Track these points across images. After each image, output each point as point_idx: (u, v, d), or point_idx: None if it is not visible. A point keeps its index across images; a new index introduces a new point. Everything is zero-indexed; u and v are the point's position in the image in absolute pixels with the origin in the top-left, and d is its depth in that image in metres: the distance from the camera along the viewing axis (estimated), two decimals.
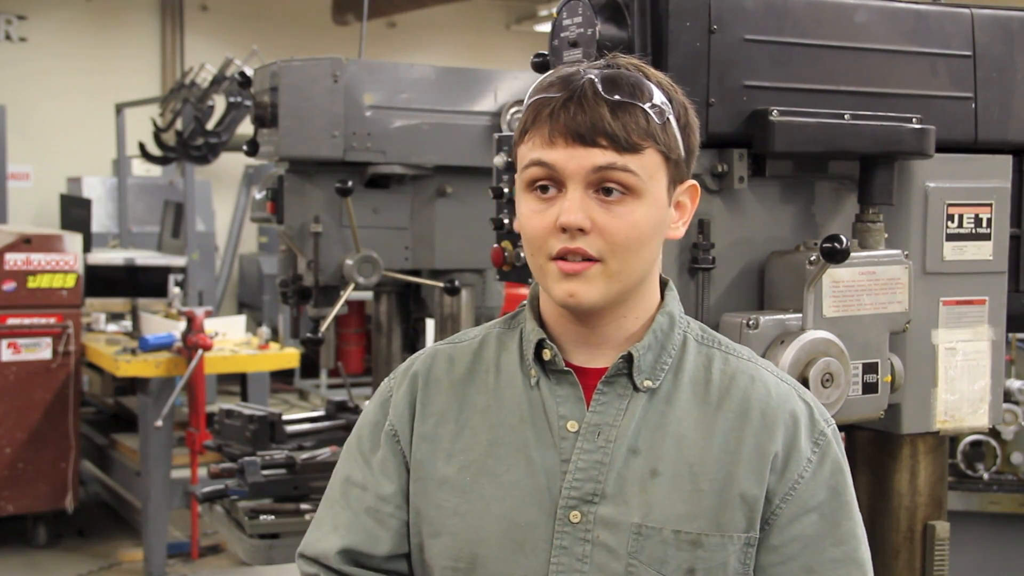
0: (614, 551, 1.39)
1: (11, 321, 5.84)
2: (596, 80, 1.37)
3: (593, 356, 1.46)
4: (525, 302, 1.54)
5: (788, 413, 1.44)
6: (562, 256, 1.37)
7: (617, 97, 1.36)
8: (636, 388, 1.43)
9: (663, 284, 1.51)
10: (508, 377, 1.48)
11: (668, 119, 1.39)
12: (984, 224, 2.14)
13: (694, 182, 1.47)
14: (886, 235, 2.03)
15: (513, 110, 3.62)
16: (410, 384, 1.53)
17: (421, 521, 1.47)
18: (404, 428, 1.50)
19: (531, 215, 1.39)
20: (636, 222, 1.37)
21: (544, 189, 1.38)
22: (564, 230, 1.36)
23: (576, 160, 1.35)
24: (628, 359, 1.43)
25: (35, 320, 5.89)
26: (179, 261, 7.79)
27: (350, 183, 3.39)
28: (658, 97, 1.39)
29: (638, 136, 1.36)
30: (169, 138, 7.20)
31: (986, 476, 3.65)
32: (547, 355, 1.45)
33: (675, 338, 1.47)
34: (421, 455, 1.48)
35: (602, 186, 1.36)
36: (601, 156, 1.35)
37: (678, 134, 1.41)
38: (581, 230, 1.35)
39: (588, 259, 1.37)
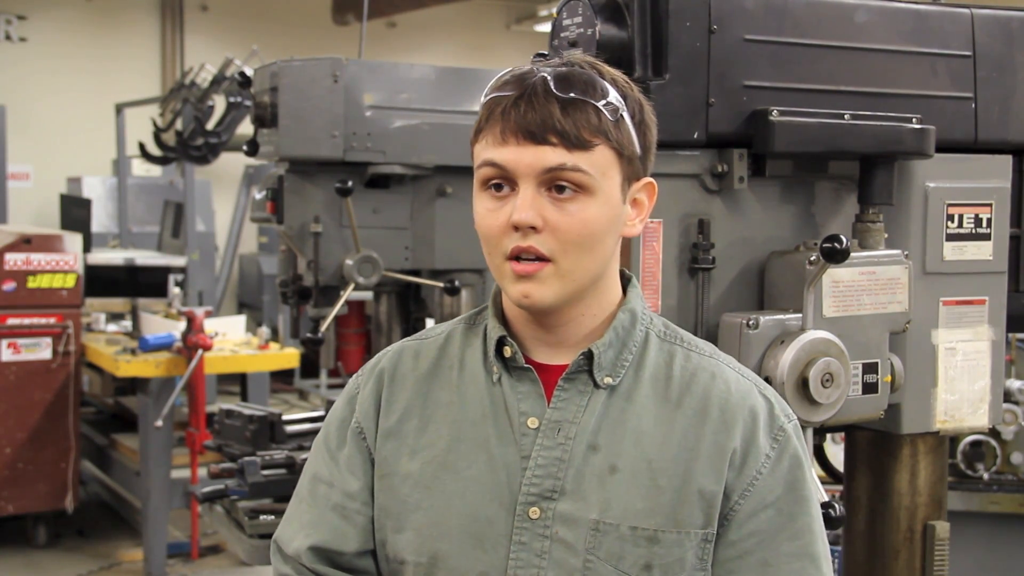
0: (572, 547, 1.39)
1: (11, 321, 5.84)
2: (548, 78, 1.37)
3: (554, 353, 1.46)
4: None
5: (747, 409, 1.44)
6: (516, 256, 1.37)
7: (568, 94, 1.36)
8: (596, 385, 1.44)
9: (626, 280, 1.51)
10: (471, 373, 1.49)
11: (622, 116, 1.39)
12: (984, 224, 2.14)
13: (651, 179, 1.47)
14: (886, 235, 2.03)
15: None
16: (376, 381, 1.53)
17: (385, 517, 1.48)
18: (370, 425, 1.51)
19: (485, 214, 1.40)
20: (588, 220, 1.37)
21: (498, 187, 1.38)
22: (516, 228, 1.36)
23: (527, 159, 1.35)
24: (588, 356, 1.43)
25: (35, 320, 5.89)
26: (179, 261, 7.79)
27: (350, 183, 3.39)
28: (612, 94, 1.38)
29: (589, 133, 1.36)
30: (169, 138, 7.19)
31: (986, 476, 3.65)
32: (508, 352, 1.46)
33: (637, 335, 1.47)
34: (386, 451, 1.49)
35: (554, 184, 1.36)
36: (552, 154, 1.35)
37: (632, 131, 1.41)
38: (533, 228, 1.36)
39: (540, 259, 1.37)
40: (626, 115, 1.40)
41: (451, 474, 1.44)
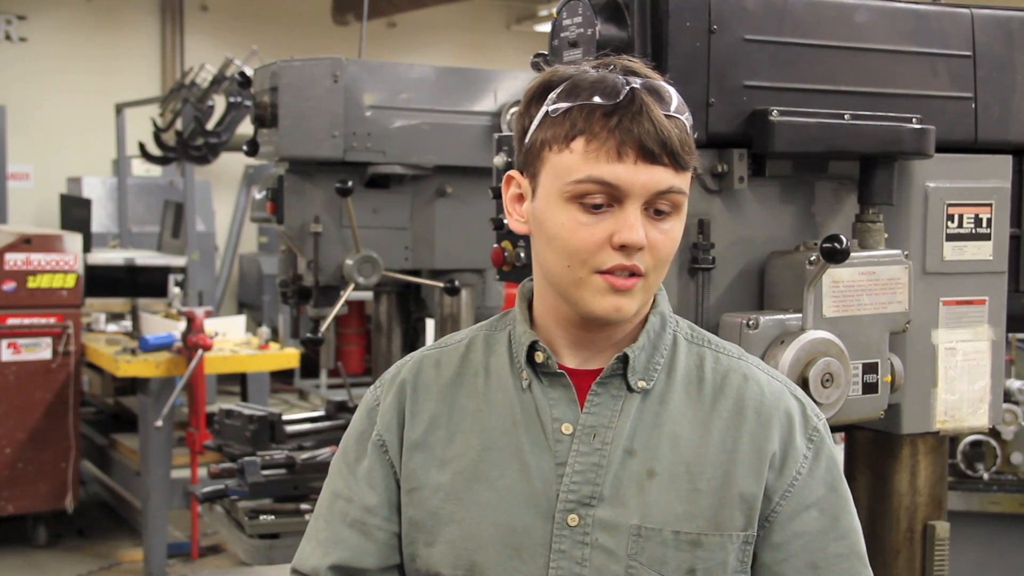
0: (613, 553, 1.38)
1: (11, 321, 5.84)
2: (638, 88, 1.35)
3: (584, 358, 1.45)
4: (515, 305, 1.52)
5: (783, 411, 1.45)
6: (611, 271, 1.36)
7: (665, 109, 1.35)
8: (630, 389, 1.43)
9: None
10: (498, 380, 1.47)
11: (691, 128, 1.39)
12: (984, 224, 2.14)
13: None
14: (886, 235, 2.03)
15: (513, 110, 3.62)
16: (398, 392, 1.51)
17: (415, 531, 1.46)
18: (392, 438, 1.48)
19: (577, 227, 1.36)
20: (676, 237, 1.39)
21: (597, 204, 1.35)
22: (623, 247, 1.34)
23: (642, 179, 1.33)
24: (623, 360, 1.43)
25: (35, 320, 5.89)
26: (179, 261, 7.79)
27: (350, 183, 3.39)
28: (683, 105, 1.39)
29: (688, 153, 1.36)
30: (169, 138, 7.19)
31: (986, 476, 3.65)
32: (540, 357, 1.44)
33: (667, 338, 1.47)
34: (414, 464, 1.46)
35: (656, 205, 1.36)
36: (664, 176, 1.34)
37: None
38: (639, 248, 1.35)
39: (635, 274, 1.36)
40: (690, 126, 1.40)
41: (484, 484, 1.42)
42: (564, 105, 1.36)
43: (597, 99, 1.34)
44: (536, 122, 1.39)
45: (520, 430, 1.43)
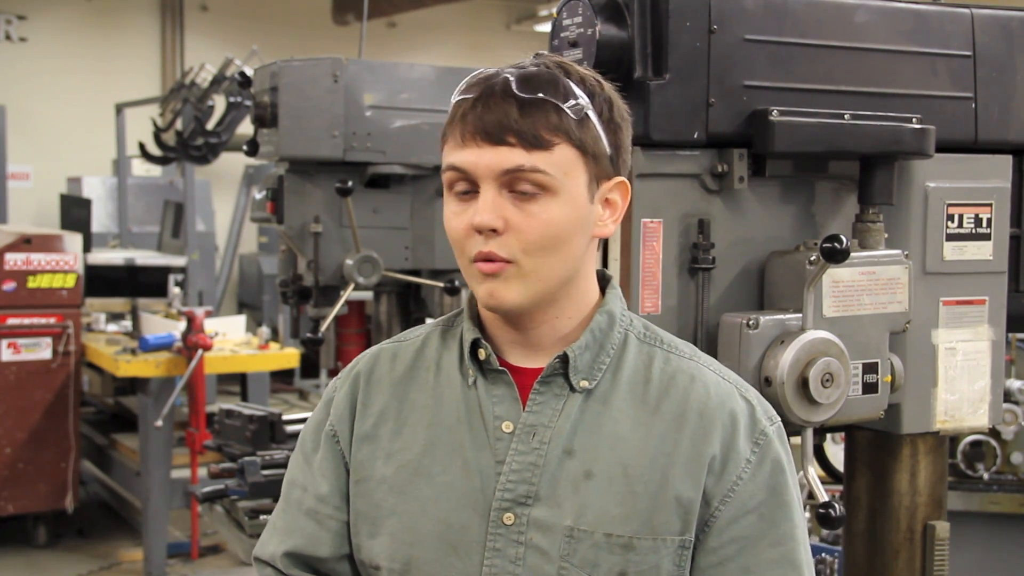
0: (547, 553, 1.37)
1: (11, 321, 5.84)
2: (511, 79, 1.36)
3: (530, 356, 1.44)
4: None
5: (727, 413, 1.42)
6: (480, 258, 1.36)
7: (528, 95, 1.34)
8: (572, 388, 1.41)
9: (605, 281, 1.49)
10: (447, 376, 1.47)
11: (586, 115, 1.37)
12: (984, 224, 2.14)
13: (622, 178, 1.44)
14: (886, 235, 2.03)
15: None
16: (351, 384, 1.52)
17: (361, 521, 1.46)
18: (343, 428, 1.49)
19: (451, 217, 1.39)
20: (551, 220, 1.36)
21: (463, 192, 1.37)
22: (479, 231, 1.35)
23: (485, 160, 1.34)
24: (564, 359, 1.41)
25: (35, 320, 5.89)
26: (179, 261, 7.79)
27: (350, 183, 3.39)
28: (575, 93, 1.37)
29: (548, 132, 1.34)
30: (169, 138, 7.20)
31: (986, 476, 3.65)
32: (482, 355, 1.44)
33: (615, 337, 1.45)
34: (362, 456, 1.47)
35: (516, 185, 1.35)
36: (510, 155, 1.33)
37: (600, 130, 1.39)
38: (493, 231, 1.34)
39: (503, 260, 1.36)
40: (592, 114, 1.38)
41: (425, 479, 1.42)
42: (451, 103, 1.41)
43: (461, 95, 1.38)
44: None
45: (463, 427, 1.43)
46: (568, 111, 1.35)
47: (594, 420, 1.41)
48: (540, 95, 1.35)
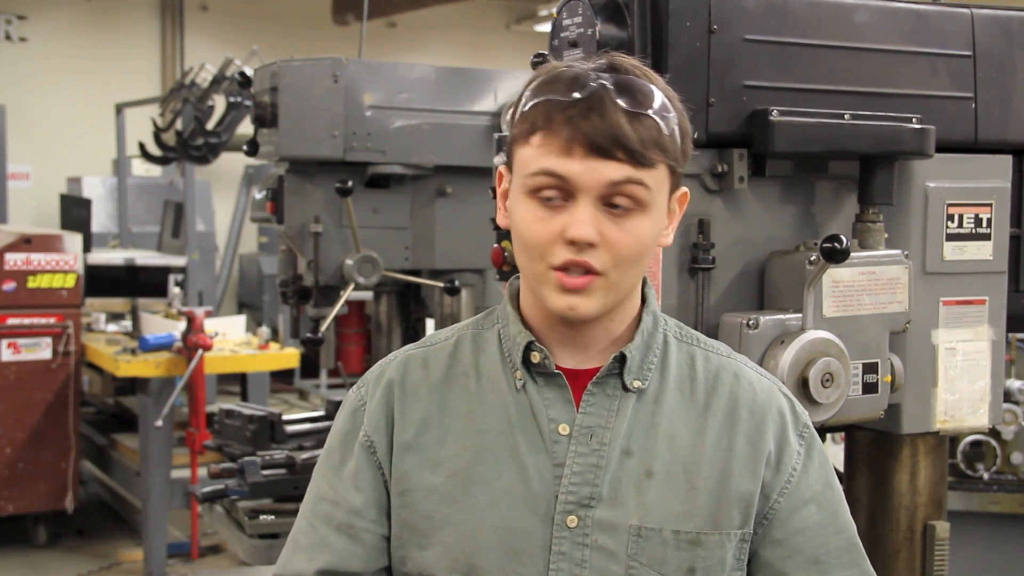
0: (613, 554, 1.38)
1: (11, 321, 5.84)
2: (609, 86, 1.33)
3: (579, 358, 1.44)
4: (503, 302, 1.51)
5: (775, 409, 1.46)
6: (564, 267, 1.35)
7: (633, 107, 1.33)
8: (626, 389, 1.42)
9: (642, 283, 1.49)
10: (490, 381, 1.45)
11: (674, 129, 1.37)
12: (984, 224, 2.14)
13: (686, 189, 1.45)
14: (886, 235, 2.03)
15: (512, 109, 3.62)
16: (385, 393, 1.48)
17: (408, 533, 1.44)
18: (381, 438, 1.46)
19: (534, 221, 1.35)
20: (641, 236, 1.36)
21: (550, 198, 1.35)
22: (572, 242, 1.33)
23: (593, 173, 1.32)
24: (620, 359, 1.42)
25: (35, 320, 5.89)
26: (179, 261, 7.79)
27: (350, 183, 3.39)
28: (667, 107, 1.37)
29: (653, 150, 1.33)
30: (169, 138, 7.19)
31: (986, 476, 3.65)
32: (536, 358, 1.43)
33: (658, 337, 1.47)
34: (405, 466, 1.44)
35: (615, 200, 1.34)
36: (617, 170, 1.32)
37: (679, 142, 1.39)
38: (590, 244, 1.33)
39: (589, 272, 1.35)
40: (676, 127, 1.38)
41: (480, 486, 1.40)
42: (533, 101, 1.37)
43: (556, 95, 1.34)
44: (516, 117, 1.41)
45: (516, 431, 1.42)
46: (662, 125, 1.35)
47: (649, 420, 1.42)
48: (644, 109, 1.34)
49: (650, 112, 1.34)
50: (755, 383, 1.48)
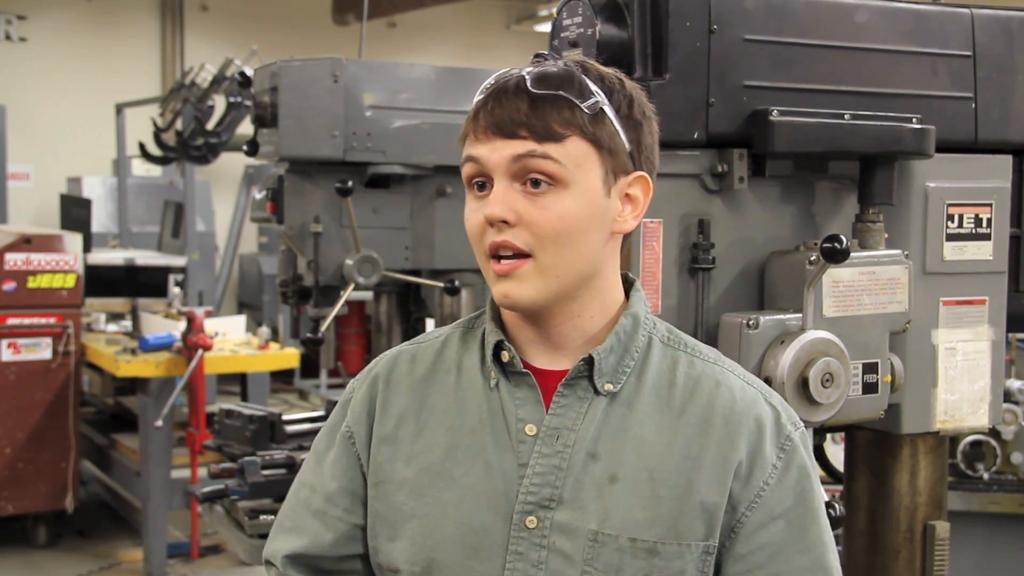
0: (570, 557, 1.36)
1: (11, 321, 5.84)
2: (526, 76, 1.37)
3: (553, 358, 1.43)
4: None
5: (752, 419, 1.41)
6: (495, 254, 1.37)
7: (541, 91, 1.35)
8: (597, 391, 1.40)
9: (629, 284, 1.48)
10: (469, 378, 1.46)
11: (602, 111, 1.37)
12: (984, 224, 2.14)
13: (642, 173, 1.43)
14: (886, 235, 2.03)
15: None
16: (370, 386, 1.51)
17: (380, 524, 1.45)
18: (361, 430, 1.49)
19: (469, 213, 1.40)
20: (563, 213, 1.35)
21: (480, 186, 1.39)
22: (492, 224, 1.36)
23: (497, 152, 1.35)
24: (589, 362, 1.40)
25: (35, 320, 5.89)
26: (179, 261, 7.79)
27: (350, 183, 3.39)
28: (592, 90, 1.37)
29: (559, 125, 1.35)
30: (169, 138, 7.20)
31: (986, 476, 3.65)
32: (505, 356, 1.43)
33: (639, 340, 1.44)
34: (381, 458, 1.46)
35: (528, 177, 1.35)
36: (520, 146, 1.35)
37: (617, 125, 1.38)
38: (505, 222, 1.35)
39: (519, 255, 1.35)
40: (608, 109, 1.38)
41: (447, 482, 1.41)
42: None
43: (481, 94, 1.40)
44: None
45: (486, 429, 1.42)
46: (582, 106, 1.36)
47: (619, 423, 1.40)
48: (553, 91, 1.36)
49: (560, 93, 1.35)
50: (736, 391, 1.43)
